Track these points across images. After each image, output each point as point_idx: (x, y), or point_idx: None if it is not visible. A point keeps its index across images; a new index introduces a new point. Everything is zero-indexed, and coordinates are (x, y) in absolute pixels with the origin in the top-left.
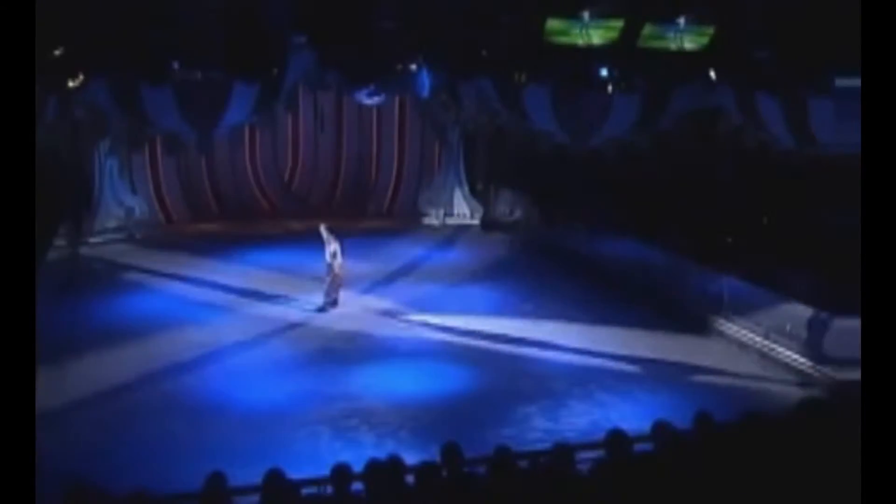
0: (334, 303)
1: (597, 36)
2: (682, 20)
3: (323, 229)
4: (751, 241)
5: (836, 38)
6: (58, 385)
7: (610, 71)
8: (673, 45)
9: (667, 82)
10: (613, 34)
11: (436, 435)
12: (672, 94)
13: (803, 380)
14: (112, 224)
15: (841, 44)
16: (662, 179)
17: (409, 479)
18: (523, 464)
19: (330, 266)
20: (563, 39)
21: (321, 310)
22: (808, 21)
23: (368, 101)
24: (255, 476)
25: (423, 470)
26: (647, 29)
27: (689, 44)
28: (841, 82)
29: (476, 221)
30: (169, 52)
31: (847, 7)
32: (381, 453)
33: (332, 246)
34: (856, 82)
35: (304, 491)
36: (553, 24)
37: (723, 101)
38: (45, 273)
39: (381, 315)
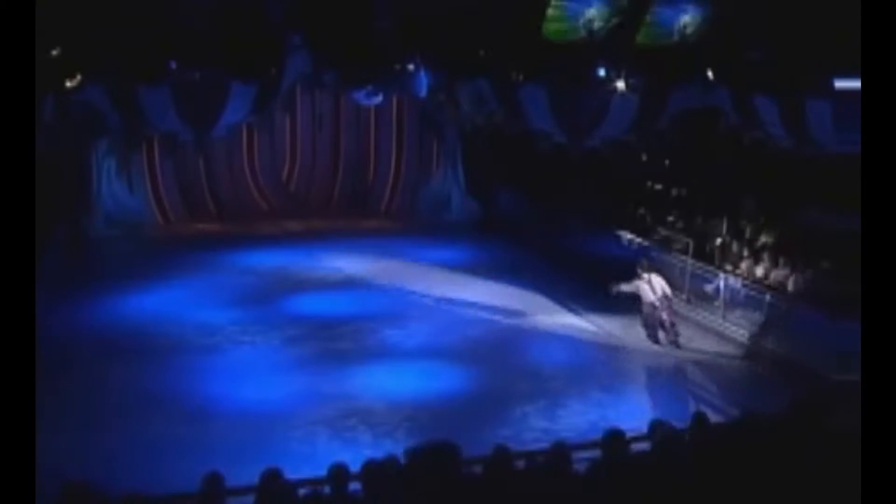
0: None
1: (597, 22)
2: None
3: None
4: (748, 241)
5: (835, 40)
6: (57, 385)
7: (608, 70)
8: (675, 37)
9: (665, 82)
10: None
11: (433, 435)
12: (670, 94)
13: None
14: (109, 224)
15: (839, 45)
16: (660, 179)
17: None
18: (521, 463)
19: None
20: (560, 31)
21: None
22: (806, 22)
23: (366, 101)
24: (253, 476)
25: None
26: (648, 20)
27: (690, 30)
28: (840, 84)
29: (474, 221)
30: (166, 52)
31: (845, 8)
32: (378, 453)
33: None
34: (854, 84)
35: (302, 491)
36: (551, 18)
37: (720, 102)
38: (43, 273)
39: (379, 315)
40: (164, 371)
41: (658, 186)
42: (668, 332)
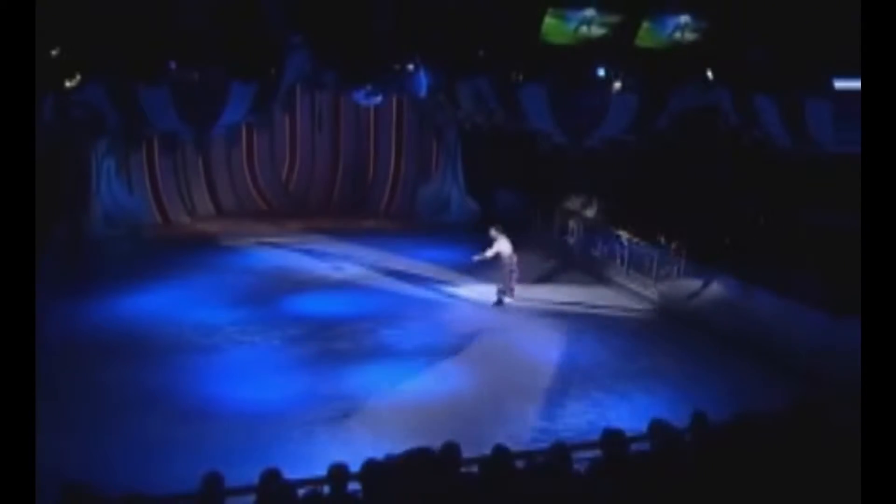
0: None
1: (594, 29)
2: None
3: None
4: (748, 242)
5: (834, 40)
6: (56, 385)
7: (607, 71)
8: (670, 41)
9: (664, 82)
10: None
11: (433, 435)
12: (669, 95)
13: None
14: (109, 224)
15: (839, 45)
16: (660, 179)
17: (406, 479)
18: (520, 463)
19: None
20: (559, 39)
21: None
22: (806, 22)
23: (366, 102)
24: (253, 476)
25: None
26: (644, 26)
27: (687, 37)
28: (840, 84)
29: (473, 221)
30: (166, 52)
31: (845, 8)
32: (378, 453)
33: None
34: (854, 84)
35: (301, 491)
36: (549, 22)
37: (720, 102)
38: (43, 273)
39: (378, 315)
40: (163, 371)
41: (656, 186)
42: (511, 282)
